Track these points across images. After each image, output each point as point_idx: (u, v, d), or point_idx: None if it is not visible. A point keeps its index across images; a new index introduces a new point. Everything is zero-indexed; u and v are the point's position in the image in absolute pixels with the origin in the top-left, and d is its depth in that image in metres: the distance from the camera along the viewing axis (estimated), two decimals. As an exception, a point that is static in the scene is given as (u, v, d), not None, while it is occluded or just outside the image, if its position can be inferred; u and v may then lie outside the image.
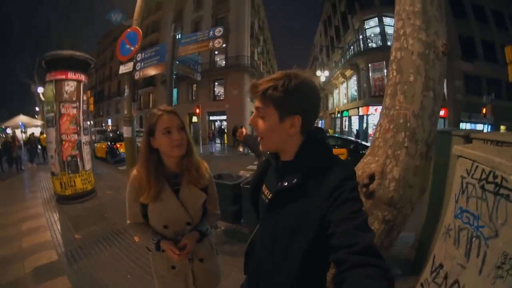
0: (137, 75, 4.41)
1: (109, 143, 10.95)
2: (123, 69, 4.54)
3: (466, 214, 1.14)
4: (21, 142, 11.97)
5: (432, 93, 1.73)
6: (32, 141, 11.66)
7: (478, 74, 15.59)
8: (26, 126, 16.32)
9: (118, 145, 10.55)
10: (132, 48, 4.29)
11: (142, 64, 4.34)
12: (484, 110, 11.90)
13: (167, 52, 3.92)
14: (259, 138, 0.80)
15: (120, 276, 2.54)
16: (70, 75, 4.93)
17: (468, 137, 1.72)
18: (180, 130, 1.08)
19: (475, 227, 1.07)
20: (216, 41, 3.52)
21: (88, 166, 5.40)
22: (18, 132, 15.36)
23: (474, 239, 1.07)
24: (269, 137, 0.77)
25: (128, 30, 4.35)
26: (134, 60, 4.36)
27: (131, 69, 4.41)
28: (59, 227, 3.87)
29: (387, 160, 1.82)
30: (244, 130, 1.77)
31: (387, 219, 1.85)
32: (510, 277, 0.86)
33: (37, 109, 21.55)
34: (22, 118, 17.77)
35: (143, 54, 4.34)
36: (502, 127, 14.33)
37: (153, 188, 1.05)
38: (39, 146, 12.35)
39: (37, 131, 15.42)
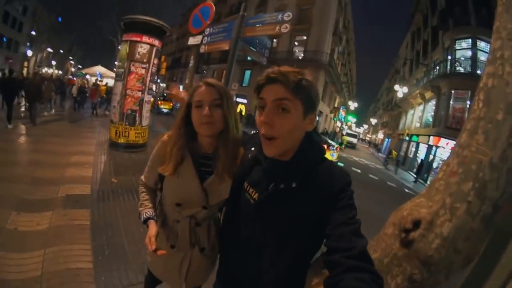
0: (202, 48, 4.54)
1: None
2: (192, 41, 4.73)
3: None
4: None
5: (520, 141, 1.29)
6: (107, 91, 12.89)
7: None
8: (102, 76, 19.05)
9: (159, 102, 16.22)
10: (204, 22, 4.40)
11: (209, 38, 4.42)
12: None
13: (233, 30, 3.88)
14: (268, 138, 0.69)
15: (134, 227, 2.73)
16: (145, 38, 5.37)
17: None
18: (213, 107, 0.97)
19: None
20: (284, 25, 3.32)
21: (145, 122, 5.91)
22: (92, 79, 18.08)
23: None
24: (288, 137, 0.69)
25: (203, 4, 4.47)
26: (203, 34, 4.48)
27: (199, 42, 4.56)
28: (102, 168, 4.35)
29: (441, 211, 1.46)
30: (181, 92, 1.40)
31: (414, 279, 1.50)
32: None
33: (116, 63, 25.02)
34: (100, 68, 20.73)
35: (211, 29, 4.42)
36: None
37: (173, 160, 0.99)
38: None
39: (111, 82, 17.90)
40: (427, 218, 1.55)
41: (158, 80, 7.10)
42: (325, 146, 5.14)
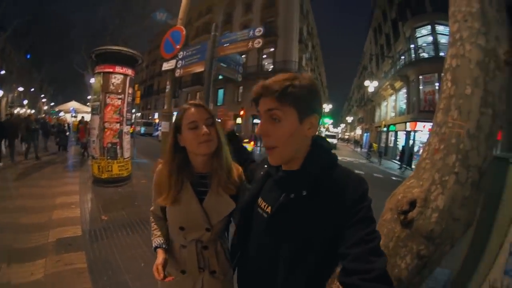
0: (177, 73, 4.59)
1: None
2: (166, 66, 4.77)
3: None
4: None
5: (491, 110, 1.43)
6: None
7: None
8: (76, 111, 18.37)
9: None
10: (176, 46, 4.48)
11: (184, 62, 4.49)
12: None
13: (207, 51, 3.97)
14: (269, 148, 0.70)
15: (134, 262, 2.62)
16: (118, 69, 5.35)
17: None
18: (208, 125, 0.99)
19: None
20: (256, 41, 3.45)
21: (126, 154, 5.77)
22: (67, 116, 17.22)
23: None
24: (287, 144, 0.68)
25: (173, 29, 4.56)
26: (177, 58, 4.55)
27: (173, 66, 4.60)
28: (89, 206, 4.17)
29: (433, 186, 1.56)
30: (230, 121, 1.36)
31: (422, 254, 1.58)
32: None
33: (89, 97, 24.52)
34: (73, 104, 20.08)
35: (184, 52, 4.49)
36: None
37: (172, 190, 0.98)
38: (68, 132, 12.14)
39: (87, 117, 17.29)
40: (421, 196, 1.64)
41: (133, 110, 6.96)
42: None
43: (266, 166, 0.86)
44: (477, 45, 1.45)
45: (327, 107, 39.86)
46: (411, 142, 17.16)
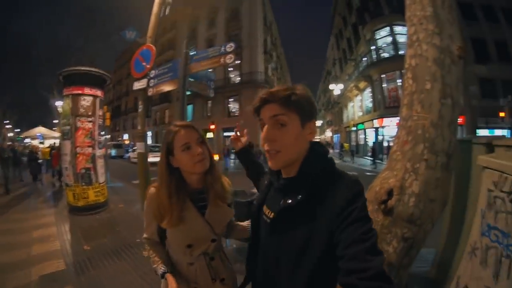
0: (150, 92, 4.51)
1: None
2: (137, 85, 4.67)
3: (495, 232, 1.04)
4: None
5: (450, 100, 1.63)
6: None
7: (492, 77, 15.10)
8: (44, 137, 17.03)
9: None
10: (146, 65, 4.42)
11: (156, 80, 4.43)
12: (501, 114, 11.35)
13: (179, 69, 3.98)
14: (273, 152, 0.73)
15: (125, 290, 2.48)
16: (86, 90, 5.15)
17: (490, 145, 1.61)
18: (200, 144, 1.02)
19: (505, 245, 0.97)
20: (228, 56, 3.52)
21: (101, 179, 5.50)
22: (35, 142, 15.82)
23: (503, 259, 0.96)
24: (290, 148, 0.72)
25: (142, 47, 4.51)
26: (148, 77, 4.49)
27: (144, 86, 4.52)
28: (69, 237, 3.90)
29: (406, 174, 1.72)
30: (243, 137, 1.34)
31: (407, 237, 1.72)
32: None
33: (55, 121, 22.68)
34: (40, 129, 18.64)
35: (156, 71, 4.45)
36: (523, 130, 13.59)
37: (175, 211, 0.97)
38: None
39: (56, 142, 15.96)
40: (397, 185, 1.81)
41: (103, 132, 6.56)
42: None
43: (269, 175, 0.91)
44: (433, 44, 1.66)
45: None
46: (380, 137, 18.16)
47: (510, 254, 0.93)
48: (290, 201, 0.71)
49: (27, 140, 19.17)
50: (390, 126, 17.07)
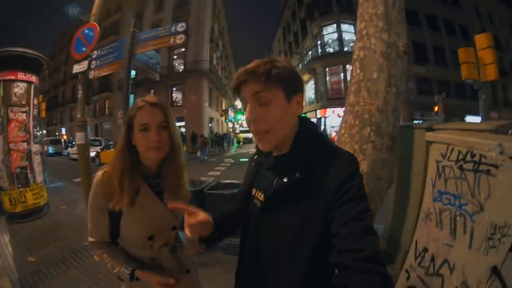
0: (91, 74, 4.02)
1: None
2: (77, 68, 4.12)
3: (446, 196, 1.20)
4: None
5: (394, 89, 1.82)
6: None
7: (429, 76, 17.62)
8: None
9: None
10: (88, 46, 3.96)
11: (98, 62, 3.99)
12: (436, 108, 13.14)
13: (125, 48, 3.63)
14: (260, 134, 0.68)
15: (83, 299, 2.29)
16: (20, 75, 4.41)
17: (430, 129, 1.83)
18: (160, 129, 0.89)
19: (457, 206, 1.13)
20: (178, 37, 3.31)
21: (39, 178, 4.85)
22: None
23: (458, 217, 1.12)
24: (279, 126, 0.67)
25: (85, 26, 4.01)
26: (89, 58, 4.02)
27: (85, 68, 4.03)
28: (10, 250, 3.40)
29: (355, 155, 1.87)
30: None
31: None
32: (502, 244, 0.90)
33: None
34: None
35: (99, 51, 4.01)
36: (453, 123, 16.12)
37: (127, 189, 0.87)
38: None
39: None
40: None
41: (38, 126, 5.55)
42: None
43: (256, 157, 0.85)
44: (381, 39, 1.83)
45: (239, 104, 41.11)
46: (322, 127, 19.31)
47: (463, 212, 1.10)
48: (286, 179, 0.66)
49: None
50: (331, 117, 18.32)
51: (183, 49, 19.60)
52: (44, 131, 27.43)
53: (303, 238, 0.64)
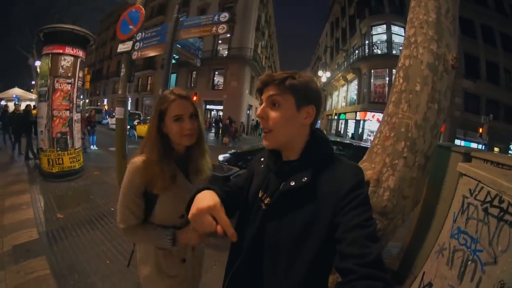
0: (135, 55, 4.25)
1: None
2: (121, 47, 4.38)
3: (464, 236, 1.10)
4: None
5: (437, 105, 1.68)
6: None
7: (478, 93, 15.91)
8: (20, 99, 16.00)
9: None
10: (133, 27, 4.14)
11: (141, 44, 4.19)
12: (480, 130, 12.04)
13: (168, 34, 3.77)
14: (265, 131, 0.74)
15: (99, 261, 2.47)
16: (68, 49, 4.80)
17: (468, 155, 1.69)
18: (192, 118, 1.02)
19: (472, 250, 1.04)
20: (220, 26, 3.37)
21: (77, 144, 5.29)
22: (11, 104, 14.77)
23: (469, 262, 1.03)
24: (282, 128, 0.72)
25: (131, 8, 4.20)
26: (134, 40, 4.22)
27: (129, 48, 4.25)
28: (42, 205, 3.76)
29: (384, 169, 1.78)
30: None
31: (377, 228, 1.81)
32: (504, 307, 0.82)
33: (33, 82, 21.14)
34: (16, 91, 17.44)
35: (143, 34, 4.20)
36: (496, 149, 14.58)
37: (167, 172, 0.98)
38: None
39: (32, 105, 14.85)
40: (373, 177, 1.88)
41: (81, 96, 6.00)
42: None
43: (262, 159, 0.89)
44: (429, 49, 1.67)
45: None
46: (360, 130, 18.70)
47: (476, 259, 1.00)
48: (293, 183, 0.70)
49: (2, 102, 17.71)
50: (371, 121, 17.55)
51: (228, 35, 19.83)
52: (87, 100, 29.47)
53: (306, 243, 0.66)
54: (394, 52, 16.24)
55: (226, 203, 0.75)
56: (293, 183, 0.70)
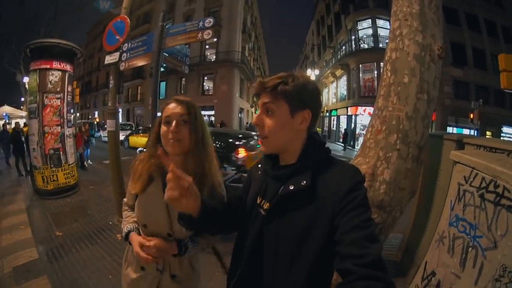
0: (122, 66, 4.20)
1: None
2: (109, 59, 4.31)
3: (463, 223, 1.11)
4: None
5: (426, 95, 1.70)
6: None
7: (467, 80, 16.13)
8: (10, 117, 15.72)
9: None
10: (119, 38, 4.10)
11: (128, 54, 4.13)
12: (471, 116, 12.19)
13: (154, 42, 3.74)
14: (261, 137, 0.75)
15: (101, 276, 2.44)
16: (55, 64, 4.74)
17: (460, 142, 1.70)
18: (181, 123, 0.93)
19: (471, 236, 1.04)
20: (206, 32, 3.34)
21: (71, 159, 5.21)
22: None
23: (470, 249, 1.03)
24: (277, 135, 0.72)
25: (116, 19, 4.17)
26: (120, 50, 4.18)
27: (117, 60, 4.21)
28: (40, 224, 3.70)
29: (378, 162, 1.79)
30: None
31: (376, 222, 1.82)
32: (507, 290, 0.83)
33: (22, 99, 20.82)
34: (6, 109, 17.13)
35: (129, 44, 4.15)
36: (488, 133, 14.80)
37: (142, 178, 0.97)
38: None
39: (22, 122, 14.60)
40: (368, 171, 1.88)
41: (72, 110, 5.89)
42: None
43: (259, 165, 0.89)
44: (415, 41, 1.70)
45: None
46: (352, 125, 18.68)
47: (476, 244, 1.01)
48: (292, 187, 0.69)
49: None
50: (363, 115, 17.59)
51: (215, 39, 19.82)
52: (78, 114, 29.00)
53: (306, 246, 0.66)
54: (381, 45, 16.26)
55: (224, 216, 0.80)
56: (292, 187, 0.69)
